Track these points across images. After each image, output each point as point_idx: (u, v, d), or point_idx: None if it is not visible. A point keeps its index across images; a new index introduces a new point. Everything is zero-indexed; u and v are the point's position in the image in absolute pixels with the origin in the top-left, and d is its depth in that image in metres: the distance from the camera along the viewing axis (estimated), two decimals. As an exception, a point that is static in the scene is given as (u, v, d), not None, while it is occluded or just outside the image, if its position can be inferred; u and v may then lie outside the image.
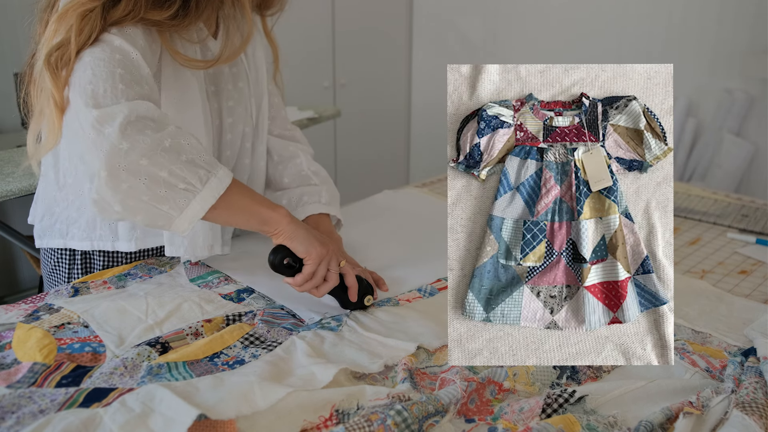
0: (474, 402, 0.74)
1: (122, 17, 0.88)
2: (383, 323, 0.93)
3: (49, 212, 1.08)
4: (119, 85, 0.85)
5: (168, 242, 1.06)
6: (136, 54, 0.89)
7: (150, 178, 0.83)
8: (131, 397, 0.70)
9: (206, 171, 0.87)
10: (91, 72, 0.85)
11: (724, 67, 2.52)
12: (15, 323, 0.88)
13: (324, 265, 0.94)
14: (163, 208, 0.85)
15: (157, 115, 0.86)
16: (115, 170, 0.82)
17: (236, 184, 0.90)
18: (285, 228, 0.93)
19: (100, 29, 0.87)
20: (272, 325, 0.91)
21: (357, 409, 0.71)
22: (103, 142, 0.82)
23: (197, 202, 0.86)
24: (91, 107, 0.83)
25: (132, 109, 0.84)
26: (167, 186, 0.84)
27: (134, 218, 0.86)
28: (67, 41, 0.86)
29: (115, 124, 0.82)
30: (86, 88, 0.85)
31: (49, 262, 1.13)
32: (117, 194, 0.83)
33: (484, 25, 3.25)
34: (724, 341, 0.91)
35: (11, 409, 0.69)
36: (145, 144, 0.83)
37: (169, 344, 0.84)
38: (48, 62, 0.86)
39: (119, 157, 0.82)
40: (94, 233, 1.06)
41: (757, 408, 0.71)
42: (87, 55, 0.86)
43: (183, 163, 0.85)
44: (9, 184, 1.67)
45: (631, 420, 0.72)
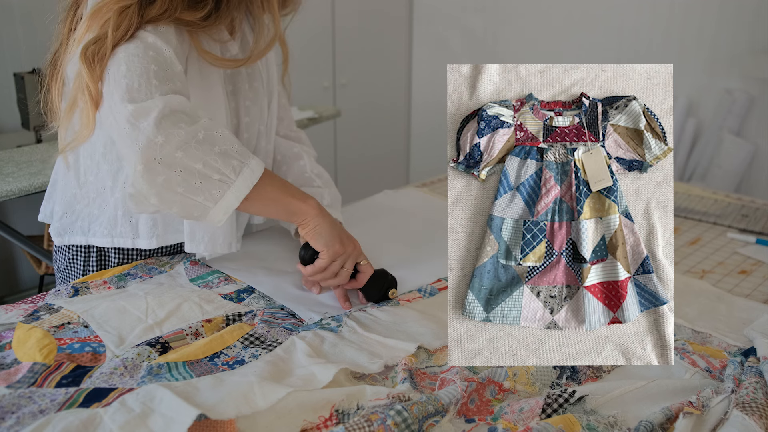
0: (474, 402, 0.74)
1: (157, 16, 0.90)
2: (383, 323, 0.93)
3: (70, 210, 1.09)
4: (153, 81, 0.87)
5: (188, 239, 1.05)
6: (169, 51, 0.90)
7: (185, 169, 0.85)
8: (131, 397, 0.70)
9: (239, 162, 0.88)
10: (125, 67, 0.87)
11: (724, 67, 2.52)
12: (15, 323, 0.88)
13: (338, 262, 0.97)
14: (198, 199, 0.87)
15: (190, 109, 0.88)
16: (152, 163, 0.84)
17: (267, 175, 0.92)
18: (311, 221, 0.96)
19: (136, 26, 0.89)
20: (272, 325, 0.91)
21: (357, 409, 0.71)
22: (138, 136, 0.84)
23: (231, 192, 0.88)
24: (126, 102, 0.85)
25: (166, 104, 0.85)
26: (202, 177, 0.86)
27: (170, 210, 0.88)
28: (104, 36, 0.88)
29: (150, 118, 0.84)
30: (121, 82, 0.86)
31: (64, 259, 1.13)
32: (153, 187, 0.85)
33: (484, 25, 3.25)
34: (724, 341, 0.91)
35: (11, 409, 0.69)
36: (180, 137, 0.85)
37: (169, 344, 0.84)
38: (84, 56, 0.88)
39: (155, 151, 0.84)
40: (114, 230, 1.06)
41: (757, 408, 0.71)
42: (121, 51, 0.88)
43: (217, 154, 0.87)
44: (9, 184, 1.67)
45: (631, 420, 0.72)
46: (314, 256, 0.98)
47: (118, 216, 1.05)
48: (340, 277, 0.98)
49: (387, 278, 1.01)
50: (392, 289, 1.00)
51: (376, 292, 1.00)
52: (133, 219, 1.06)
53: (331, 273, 0.97)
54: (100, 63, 0.88)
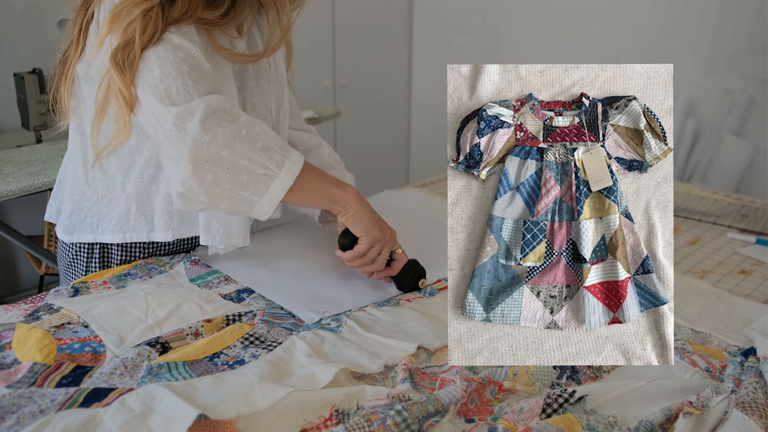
0: (474, 402, 0.74)
1: (179, 17, 0.92)
2: (383, 323, 0.93)
3: (78, 208, 1.09)
4: (189, 82, 0.89)
5: (204, 231, 1.06)
6: (196, 50, 0.93)
7: (232, 166, 0.88)
8: (131, 397, 0.70)
9: (281, 155, 0.92)
10: (159, 71, 0.89)
11: (724, 67, 2.52)
12: (15, 323, 0.88)
13: (377, 248, 1.00)
14: (245, 194, 0.90)
15: (229, 107, 0.91)
16: (200, 162, 0.87)
17: (307, 166, 0.95)
18: (351, 207, 0.99)
19: (162, 29, 0.91)
20: (272, 325, 0.91)
21: (357, 409, 0.71)
22: (186, 137, 0.87)
23: (276, 185, 0.91)
24: (168, 105, 0.88)
25: (208, 104, 0.88)
26: (248, 172, 0.89)
27: (218, 207, 0.91)
28: (132, 40, 0.89)
29: (195, 119, 0.87)
30: (158, 87, 0.89)
31: (67, 256, 1.13)
32: (203, 185, 0.88)
33: (484, 25, 3.25)
34: (724, 341, 0.91)
35: (11, 409, 0.69)
36: (225, 135, 0.88)
37: (169, 344, 0.84)
38: (114, 61, 0.89)
39: (202, 150, 0.87)
40: (127, 225, 1.07)
41: (757, 408, 0.71)
42: (151, 55, 0.90)
43: (260, 149, 0.90)
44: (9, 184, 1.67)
45: (631, 420, 0.72)
46: (353, 242, 1.00)
47: (131, 211, 1.06)
48: (377, 263, 1.01)
49: (418, 268, 1.04)
50: (422, 279, 1.04)
51: (408, 280, 1.03)
52: (148, 213, 1.07)
53: (369, 259, 1.00)
54: (130, 68, 0.90)
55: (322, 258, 1.16)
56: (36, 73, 2.12)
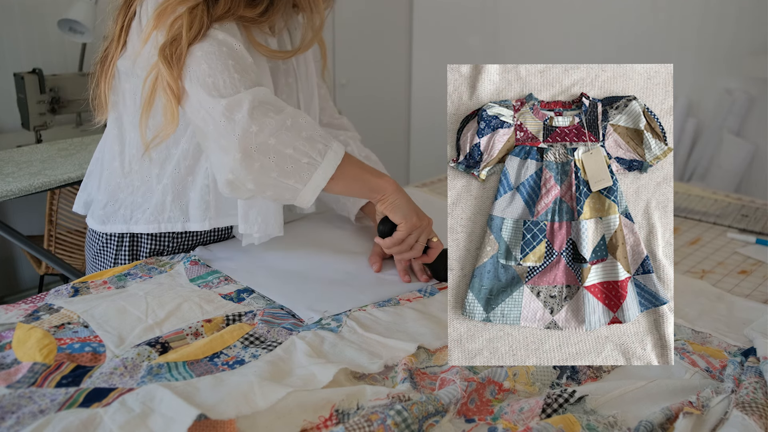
0: (474, 402, 0.74)
1: (222, 14, 0.97)
2: (383, 323, 0.93)
3: (113, 199, 1.13)
4: (235, 75, 0.94)
5: (242, 220, 1.08)
6: (239, 45, 0.97)
7: (278, 155, 0.92)
8: (131, 397, 0.70)
9: (324, 145, 0.96)
10: (206, 65, 0.94)
11: (724, 67, 2.52)
12: (15, 323, 0.88)
13: (415, 235, 1.03)
14: (289, 182, 0.94)
15: (273, 99, 0.96)
16: (249, 151, 0.91)
17: (348, 156, 0.99)
18: (390, 196, 1.02)
19: (207, 25, 0.96)
20: (272, 325, 0.91)
21: (357, 409, 0.71)
22: (235, 128, 0.91)
23: (319, 173, 0.95)
24: (217, 97, 0.92)
25: (254, 96, 0.93)
26: (293, 161, 0.93)
27: (264, 194, 0.96)
28: (179, 36, 0.94)
29: (243, 110, 0.91)
30: (206, 81, 0.93)
31: (96, 244, 1.17)
32: (251, 173, 0.92)
33: (484, 25, 3.25)
34: (724, 341, 0.91)
35: (11, 409, 0.69)
36: (272, 125, 0.92)
37: (169, 344, 0.84)
38: (163, 56, 0.94)
39: (251, 139, 0.91)
40: (162, 216, 1.10)
41: (757, 408, 0.71)
42: (197, 50, 0.95)
43: (304, 139, 0.94)
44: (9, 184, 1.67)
45: (631, 420, 0.72)
46: (392, 230, 1.04)
47: (166, 202, 1.10)
48: (414, 250, 1.04)
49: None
50: None
51: (443, 267, 1.05)
52: (183, 203, 1.10)
53: (408, 245, 1.03)
54: (178, 62, 0.94)
55: (322, 257, 1.16)
56: (36, 73, 2.12)
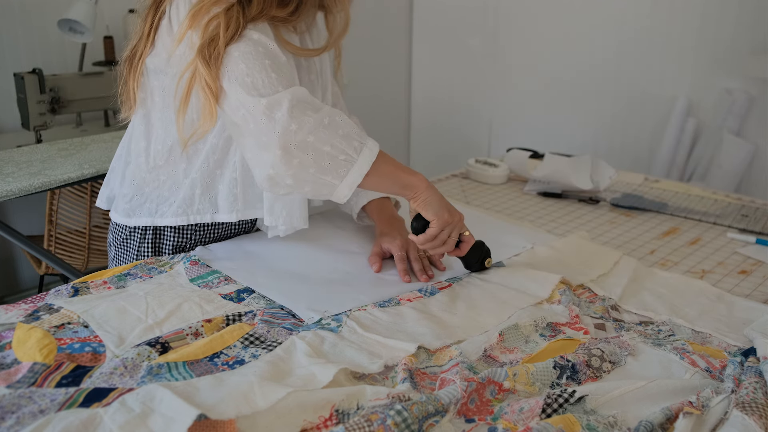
0: (474, 402, 0.74)
1: (256, 15, 1.01)
2: (383, 323, 0.93)
3: (139, 192, 1.16)
4: (272, 75, 0.97)
5: (268, 213, 1.13)
6: (273, 45, 1.01)
7: (316, 152, 0.95)
8: (131, 397, 0.70)
9: (359, 142, 0.99)
10: (244, 66, 0.97)
11: (724, 67, 2.52)
12: (15, 323, 0.88)
13: (447, 230, 1.05)
14: (327, 178, 0.97)
15: (311, 98, 0.99)
16: (288, 148, 0.94)
17: (382, 153, 1.02)
18: (422, 193, 1.04)
19: (243, 26, 0.99)
20: (272, 325, 0.91)
21: (357, 409, 0.71)
22: (275, 126, 0.94)
23: (355, 170, 0.98)
24: (257, 97, 0.96)
25: (293, 95, 0.96)
26: (330, 158, 0.96)
27: (302, 190, 0.99)
28: (216, 37, 0.98)
29: (283, 109, 0.95)
30: (245, 81, 0.97)
31: (119, 237, 1.20)
32: (290, 169, 0.95)
33: (484, 25, 3.25)
34: (724, 341, 0.91)
35: (11, 409, 0.69)
36: (310, 123, 0.95)
37: (169, 344, 0.84)
38: (202, 56, 0.98)
39: (290, 137, 0.94)
40: (191, 208, 1.13)
41: (757, 408, 0.71)
42: (234, 50, 0.98)
43: (341, 137, 0.97)
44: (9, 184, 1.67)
45: (631, 420, 0.72)
46: (425, 227, 1.06)
47: (195, 195, 1.13)
48: (447, 245, 1.06)
49: (484, 248, 1.11)
50: (488, 258, 1.11)
51: (475, 260, 1.10)
52: (212, 196, 1.14)
53: (440, 241, 1.05)
54: (215, 62, 0.97)
55: (322, 257, 1.16)
56: (36, 73, 2.12)
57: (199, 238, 1.19)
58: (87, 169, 1.81)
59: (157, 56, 1.07)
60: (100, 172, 1.82)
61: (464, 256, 1.10)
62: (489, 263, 1.12)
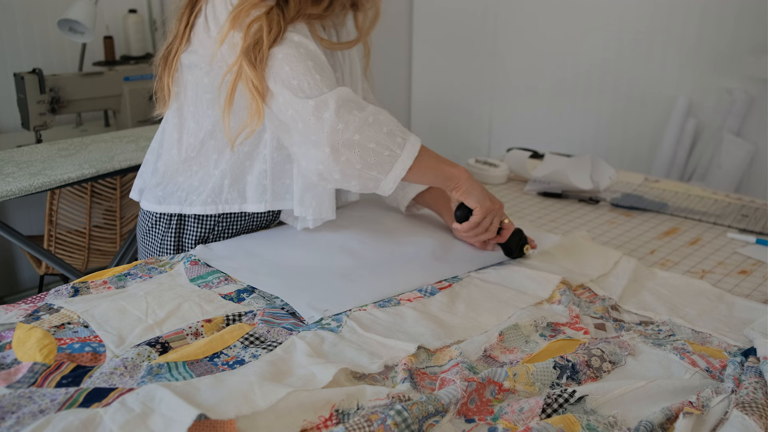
0: (474, 402, 0.74)
1: (294, 16, 1.05)
2: (383, 323, 0.93)
3: (172, 182, 1.20)
4: (316, 76, 1.03)
5: (298, 203, 1.16)
6: (313, 45, 1.06)
7: (362, 149, 1.01)
8: (131, 397, 0.70)
9: (402, 138, 1.05)
10: (288, 68, 1.02)
11: (724, 67, 2.52)
12: (15, 323, 0.88)
13: (489, 218, 1.11)
14: (372, 173, 1.03)
15: (355, 97, 1.04)
16: (336, 146, 1.00)
17: (423, 147, 1.07)
18: (464, 183, 1.10)
19: (283, 28, 1.04)
20: (272, 325, 0.91)
21: (357, 409, 0.71)
22: (323, 126, 1.00)
23: (399, 164, 1.04)
24: (304, 98, 1.01)
25: (339, 96, 1.02)
26: (375, 154, 1.02)
27: (348, 184, 1.05)
28: (260, 40, 1.02)
29: (330, 109, 1.00)
30: (291, 83, 1.02)
31: (146, 223, 1.25)
32: (338, 165, 1.01)
33: (484, 26, 3.25)
34: (724, 341, 0.91)
35: (11, 409, 0.69)
36: (356, 122, 1.01)
37: (169, 344, 0.84)
38: (247, 58, 1.02)
39: (338, 136, 1.00)
40: (219, 198, 1.17)
41: (757, 408, 0.71)
42: (278, 53, 1.03)
43: (385, 134, 1.03)
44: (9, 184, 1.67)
45: (631, 420, 0.72)
46: (468, 215, 1.11)
47: (224, 185, 1.17)
48: (489, 231, 1.12)
49: (523, 236, 1.16)
50: (527, 245, 1.16)
51: (515, 247, 1.15)
52: (240, 186, 1.17)
53: (483, 228, 1.11)
54: (260, 64, 1.02)
55: (323, 256, 1.16)
56: (36, 73, 2.12)
57: (222, 230, 1.22)
58: (87, 169, 1.81)
59: (194, 53, 1.11)
60: (100, 172, 1.82)
61: (505, 243, 1.14)
62: (528, 249, 1.16)
